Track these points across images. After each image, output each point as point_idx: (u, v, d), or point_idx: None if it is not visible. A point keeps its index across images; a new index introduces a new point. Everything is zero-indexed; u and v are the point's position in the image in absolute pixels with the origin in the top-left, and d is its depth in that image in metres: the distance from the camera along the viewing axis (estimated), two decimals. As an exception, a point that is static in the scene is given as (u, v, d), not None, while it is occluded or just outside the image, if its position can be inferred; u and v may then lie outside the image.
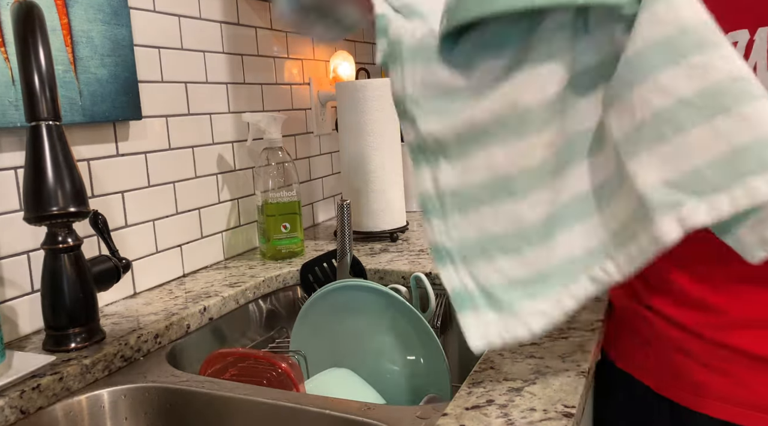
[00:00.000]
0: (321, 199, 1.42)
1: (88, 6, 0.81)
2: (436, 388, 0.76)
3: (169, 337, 0.78)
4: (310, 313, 0.83)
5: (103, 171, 0.86)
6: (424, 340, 0.77)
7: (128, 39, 0.87)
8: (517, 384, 0.56)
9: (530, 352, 0.63)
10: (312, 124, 1.37)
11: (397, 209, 1.20)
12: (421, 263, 0.99)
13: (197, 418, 0.65)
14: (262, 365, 0.71)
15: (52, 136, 0.65)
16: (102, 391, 0.66)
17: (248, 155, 1.15)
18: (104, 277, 0.75)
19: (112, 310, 0.84)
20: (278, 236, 1.06)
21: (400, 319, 0.78)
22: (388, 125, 1.16)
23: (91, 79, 0.81)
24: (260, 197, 1.06)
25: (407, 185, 1.44)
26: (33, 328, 0.77)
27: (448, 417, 0.51)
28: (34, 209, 0.65)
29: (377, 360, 0.81)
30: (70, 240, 0.69)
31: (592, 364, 0.61)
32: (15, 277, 0.75)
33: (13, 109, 0.72)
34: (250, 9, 1.16)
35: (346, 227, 0.88)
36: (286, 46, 1.27)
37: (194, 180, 1.02)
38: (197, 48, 1.03)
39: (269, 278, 0.97)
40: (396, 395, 0.80)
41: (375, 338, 0.81)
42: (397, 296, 0.78)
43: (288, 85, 1.28)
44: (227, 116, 1.10)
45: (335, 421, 0.58)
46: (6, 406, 0.58)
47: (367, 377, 0.80)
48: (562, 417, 0.50)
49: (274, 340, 0.97)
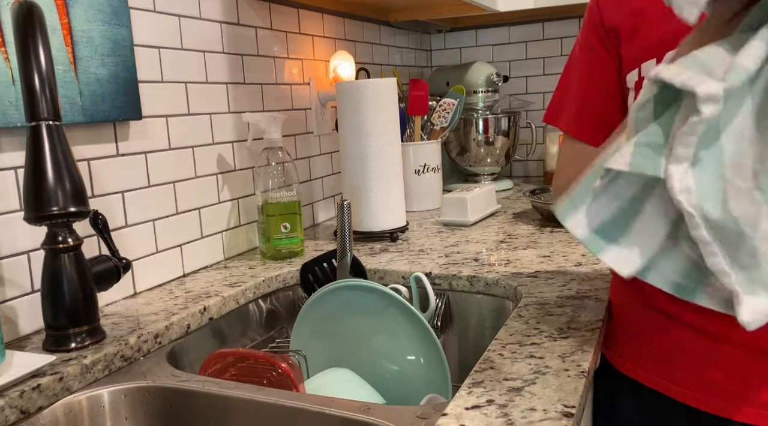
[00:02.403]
0: (321, 199, 1.42)
1: (88, 6, 0.81)
2: (436, 388, 0.76)
3: (169, 337, 0.78)
4: (310, 313, 0.83)
5: (103, 171, 0.86)
6: (424, 340, 0.77)
7: (128, 39, 0.87)
8: (517, 384, 0.56)
9: (530, 352, 0.63)
10: (312, 124, 1.37)
11: (397, 209, 1.20)
12: (421, 263, 0.99)
13: (197, 418, 0.65)
14: (262, 365, 0.71)
15: (52, 136, 0.65)
16: (102, 391, 0.66)
17: (248, 155, 1.15)
18: (104, 277, 0.75)
19: (112, 310, 0.84)
20: (278, 236, 1.06)
21: (400, 319, 0.78)
22: (388, 125, 1.16)
23: (91, 79, 0.81)
24: (260, 197, 1.06)
25: (407, 185, 1.44)
26: (33, 328, 0.77)
27: (448, 417, 0.51)
28: (34, 209, 0.65)
29: (377, 360, 0.81)
30: (70, 240, 0.69)
31: (592, 365, 0.61)
32: (15, 277, 0.75)
33: (13, 109, 0.72)
34: (250, 9, 1.16)
35: (346, 227, 0.88)
36: (286, 46, 1.27)
37: (194, 180, 1.02)
38: (197, 48, 1.03)
39: (269, 278, 0.97)
40: (396, 395, 0.80)
41: (375, 338, 0.81)
42: (397, 296, 0.78)
43: (288, 85, 1.28)
44: (227, 116, 1.10)
45: (335, 421, 0.58)
46: (6, 406, 0.58)
47: (367, 377, 0.80)
48: (562, 417, 0.50)
49: (274, 340, 0.97)
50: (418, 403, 0.72)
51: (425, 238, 1.18)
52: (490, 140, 1.72)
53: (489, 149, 1.73)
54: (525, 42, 1.96)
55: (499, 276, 0.90)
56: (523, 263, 0.96)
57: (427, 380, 0.78)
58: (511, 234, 1.17)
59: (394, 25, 1.78)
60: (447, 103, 1.59)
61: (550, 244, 1.08)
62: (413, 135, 1.53)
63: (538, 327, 0.69)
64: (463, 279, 0.92)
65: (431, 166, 1.48)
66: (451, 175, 1.87)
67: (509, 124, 1.74)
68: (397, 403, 0.78)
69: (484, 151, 1.74)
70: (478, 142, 1.72)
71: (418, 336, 0.78)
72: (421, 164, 1.47)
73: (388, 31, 1.75)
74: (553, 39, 1.92)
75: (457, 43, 2.03)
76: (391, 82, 1.17)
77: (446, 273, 0.93)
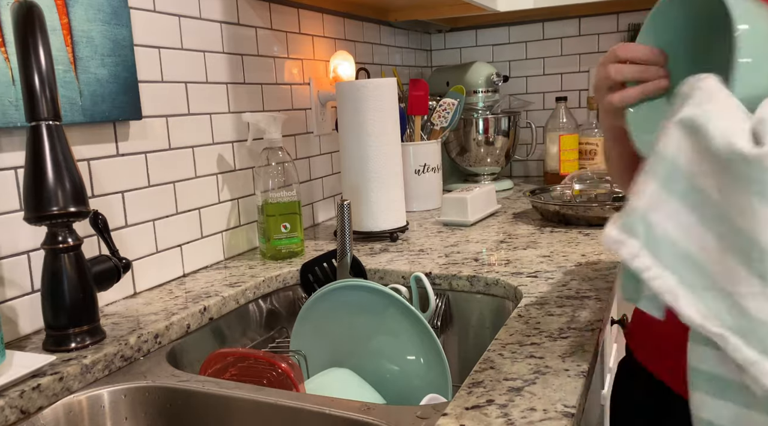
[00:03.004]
0: (321, 199, 1.42)
1: (88, 6, 0.81)
2: (436, 388, 0.76)
3: (169, 337, 0.78)
4: (310, 313, 0.83)
5: (103, 171, 0.86)
6: (424, 340, 0.77)
7: (128, 39, 0.87)
8: (517, 384, 0.56)
9: (530, 352, 0.63)
10: (312, 124, 1.37)
11: (397, 209, 1.20)
12: (421, 263, 0.99)
13: (197, 418, 0.65)
14: (262, 365, 0.71)
15: (52, 136, 0.65)
16: (102, 391, 0.66)
17: (248, 155, 1.15)
18: (104, 277, 0.75)
19: (112, 310, 0.84)
20: (278, 236, 1.06)
21: (400, 319, 0.78)
22: (388, 125, 1.16)
23: (91, 79, 0.81)
24: (260, 197, 1.06)
25: (407, 185, 1.44)
26: (33, 328, 0.77)
27: (448, 417, 0.51)
28: (34, 209, 0.65)
29: (377, 360, 0.81)
30: (70, 240, 0.69)
31: (592, 365, 0.61)
32: (15, 277, 0.75)
33: (13, 109, 0.72)
34: (250, 9, 1.16)
35: (346, 227, 0.88)
36: (286, 46, 1.27)
37: (194, 180, 1.02)
38: (197, 48, 1.03)
39: (269, 278, 0.97)
40: (396, 395, 0.80)
41: (375, 338, 0.81)
42: (397, 296, 0.78)
43: (288, 85, 1.28)
44: (227, 116, 1.10)
45: (335, 421, 0.58)
46: (6, 406, 0.58)
47: (367, 377, 0.80)
48: (562, 417, 0.50)
49: (274, 340, 0.97)
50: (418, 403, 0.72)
51: (425, 238, 1.18)
52: (490, 140, 1.72)
53: (489, 149, 1.73)
54: (525, 42, 1.96)
55: (499, 276, 0.90)
56: (523, 263, 0.96)
57: (427, 380, 0.78)
58: (511, 234, 1.17)
59: (394, 25, 1.78)
60: (447, 103, 1.59)
61: (550, 244, 1.08)
62: (413, 135, 1.53)
63: (538, 327, 0.69)
64: (463, 279, 0.92)
65: (431, 166, 1.48)
66: (451, 175, 1.87)
67: (509, 124, 1.74)
68: (397, 403, 0.78)
69: (484, 151, 1.74)
70: (478, 142, 1.73)
71: (418, 336, 0.78)
72: (421, 164, 1.47)
73: (388, 31, 1.75)
74: (553, 39, 1.92)
75: (457, 43, 2.03)
76: (391, 82, 1.17)
77: (446, 273, 0.93)
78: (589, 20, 1.89)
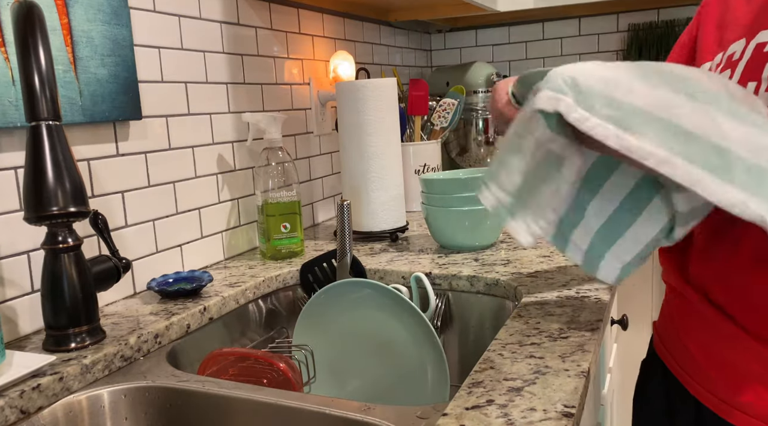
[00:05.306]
0: (321, 199, 1.42)
1: (88, 6, 0.81)
2: (436, 388, 0.77)
3: (169, 337, 0.78)
4: (310, 313, 0.83)
5: (103, 171, 0.86)
6: (425, 340, 0.77)
7: (128, 39, 0.87)
8: (517, 384, 0.56)
9: (530, 352, 0.63)
10: (312, 124, 1.37)
11: (397, 209, 1.20)
12: (421, 263, 0.99)
13: (197, 418, 0.65)
14: (262, 365, 0.71)
15: (52, 136, 0.65)
16: (102, 391, 0.66)
17: (248, 155, 1.15)
18: (104, 277, 0.75)
19: (112, 310, 0.84)
20: (278, 236, 1.06)
21: (400, 318, 0.78)
22: (388, 125, 1.16)
23: (91, 79, 0.81)
24: (260, 197, 1.06)
25: (407, 185, 1.44)
26: (33, 328, 0.77)
27: (448, 417, 0.51)
28: (34, 209, 0.65)
29: (377, 360, 0.81)
30: (70, 240, 0.69)
31: (592, 365, 0.61)
32: (15, 277, 0.75)
33: (13, 109, 0.72)
34: (250, 9, 1.16)
35: (346, 227, 0.88)
36: (286, 46, 1.27)
37: (194, 180, 1.02)
38: (197, 48, 1.03)
39: (269, 278, 0.97)
40: (396, 395, 0.80)
41: (375, 338, 0.81)
42: (399, 294, 0.78)
43: (288, 85, 1.28)
44: (227, 116, 1.10)
45: (335, 421, 0.58)
46: (6, 406, 0.58)
47: (368, 377, 0.80)
48: (562, 417, 0.50)
49: (274, 340, 0.97)
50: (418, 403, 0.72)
51: (425, 238, 1.18)
52: (490, 140, 1.72)
53: (489, 149, 1.73)
54: (525, 42, 1.96)
55: (499, 276, 0.90)
56: (523, 263, 0.96)
57: (427, 380, 0.78)
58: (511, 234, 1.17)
59: (394, 25, 1.79)
60: (447, 103, 1.59)
61: (550, 243, 1.07)
62: (413, 135, 1.53)
63: (538, 327, 0.69)
64: (463, 279, 0.92)
65: (431, 166, 1.48)
66: (451, 175, 1.87)
67: (509, 124, 1.73)
68: (397, 403, 0.78)
69: (484, 151, 1.74)
70: (478, 142, 1.73)
71: (418, 336, 0.78)
72: (421, 164, 1.47)
73: (388, 31, 1.75)
74: (553, 39, 1.92)
75: (457, 43, 2.03)
76: (391, 82, 1.17)
77: (446, 273, 0.93)
78: (589, 20, 1.89)
